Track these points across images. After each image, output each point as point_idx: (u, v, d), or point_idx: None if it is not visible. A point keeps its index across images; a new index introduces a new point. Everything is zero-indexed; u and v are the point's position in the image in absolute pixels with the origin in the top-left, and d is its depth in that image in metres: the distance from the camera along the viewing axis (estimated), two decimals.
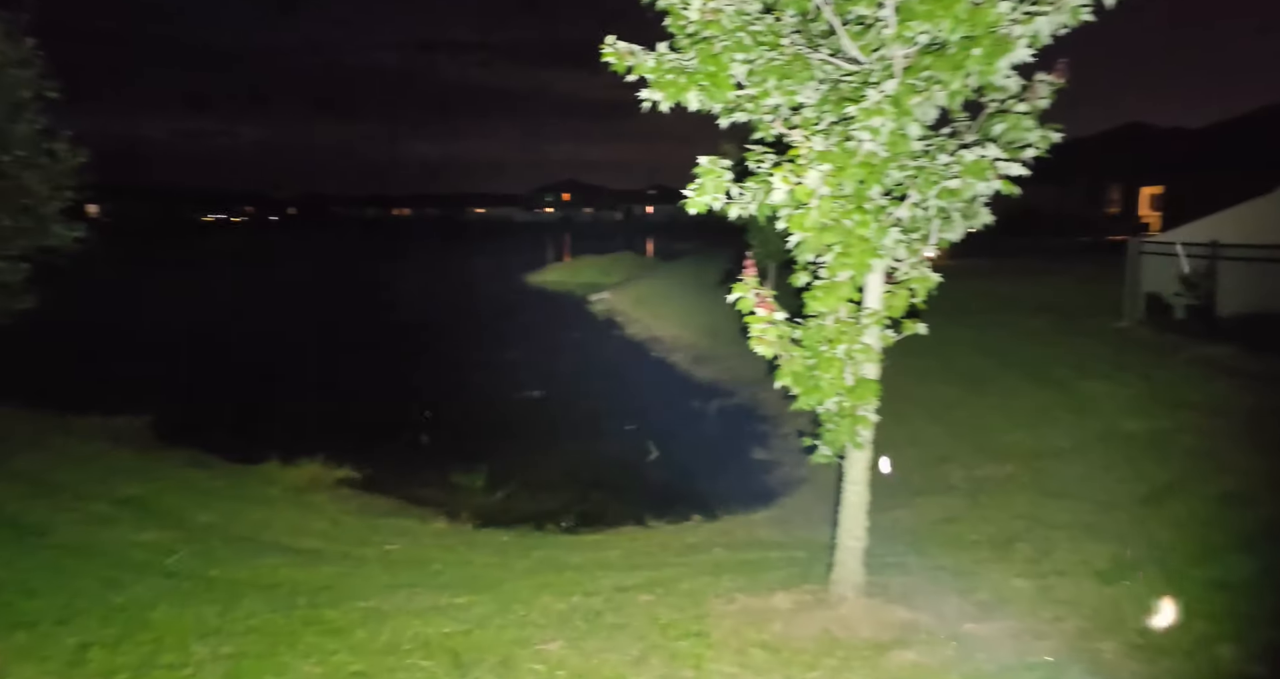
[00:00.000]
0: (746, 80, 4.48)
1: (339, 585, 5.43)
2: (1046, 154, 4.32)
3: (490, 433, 12.45)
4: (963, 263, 20.29)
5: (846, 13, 4.20)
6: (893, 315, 4.81)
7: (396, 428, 12.59)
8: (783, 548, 6.70)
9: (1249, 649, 3.88)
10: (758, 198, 5.03)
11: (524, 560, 6.60)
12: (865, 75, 4.20)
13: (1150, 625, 4.19)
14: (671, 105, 4.77)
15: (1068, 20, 3.65)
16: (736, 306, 5.01)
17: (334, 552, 6.50)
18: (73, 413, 11.35)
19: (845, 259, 4.45)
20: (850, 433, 4.77)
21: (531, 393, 15.23)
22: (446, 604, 4.99)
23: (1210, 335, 10.81)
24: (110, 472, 8.45)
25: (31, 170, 9.28)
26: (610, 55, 4.58)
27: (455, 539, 7.53)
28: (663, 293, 27.36)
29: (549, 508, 9.17)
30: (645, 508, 8.95)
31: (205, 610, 4.70)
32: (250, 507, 7.89)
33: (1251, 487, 6.03)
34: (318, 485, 9.39)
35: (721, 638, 4.38)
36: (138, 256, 44.72)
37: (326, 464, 9.94)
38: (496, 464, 10.53)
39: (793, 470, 10.28)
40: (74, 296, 18.56)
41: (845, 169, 4.07)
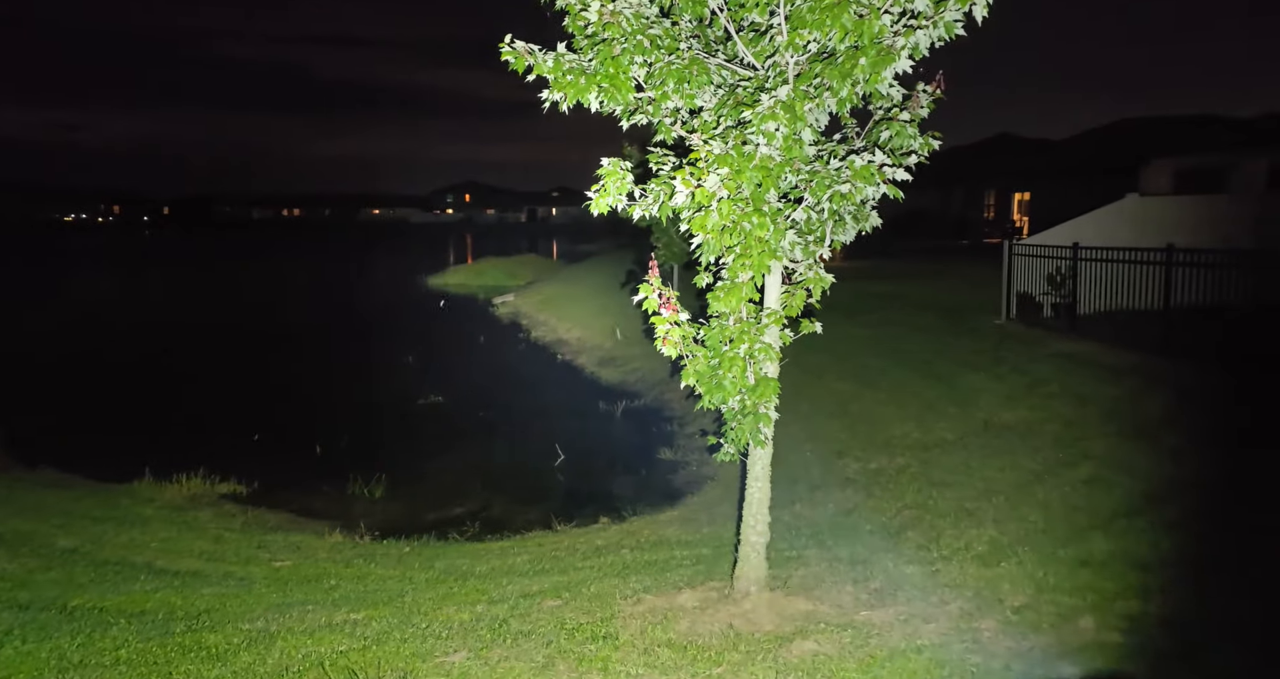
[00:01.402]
0: (646, 83, 4.50)
1: (221, 608, 5.09)
2: (927, 160, 4.55)
3: (390, 440, 12.04)
4: (856, 264, 21.20)
5: (741, 19, 4.29)
6: (791, 315, 4.95)
7: (286, 438, 11.98)
8: (689, 546, 6.77)
9: (1107, 620, 4.20)
10: (660, 200, 5.07)
11: (426, 571, 6.39)
12: (760, 81, 4.31)
13: (1022, 603, 4.48)
14: (572, 106, 4.75)
15: (944, 34, 3.85)
16: (641, 308, 5.03)
17: (216, 572, 6.09)
18: None
19: (745, 260, 4.54)
20: (752, 430, 4.87)
21: (433, 398, 14.82)
22: (342, 620, 4.77)
23: (1073, 331, 11.70)
24: None
25: None
26: (509, 55, 4.51)
27: (352, 552, 7.21)
28: (568, 295, 27.22)
29: (453, 516, 8.94)
30: (553, 512, 8.86)
31: (65, 643, 4.31)
32: (120, 528, 7.30)
33: (1109, 471, 6.55)
34: (199, 502, 8.80)
35: (628, 639, 4.38)
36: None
37: (208, 479, 9.33)
38: (397, 473, 10.18)
39: (699, 469, 10.42)
40: None
41: (743, 172, 4.16)
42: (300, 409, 13.99)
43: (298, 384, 16.30)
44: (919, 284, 18.23)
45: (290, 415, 13.53)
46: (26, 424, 11.78)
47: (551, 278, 32.89)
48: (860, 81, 3.90)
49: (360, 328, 24.39)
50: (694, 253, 4.78)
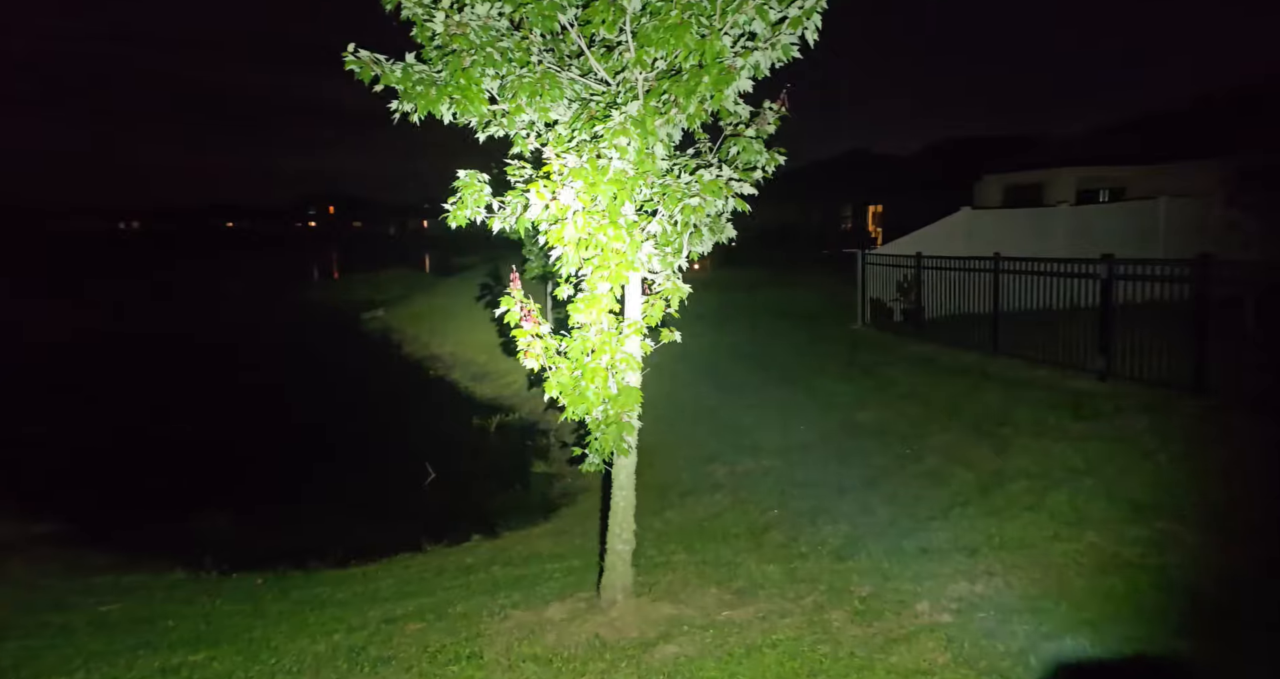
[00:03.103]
0: (499, 95, 4.49)
1: (28, 663, 4.57)
2: (772, 175, 4.78)
3: (245, 466, 11.28)
4: (724, 274, 21.90)
5: (592, 34, 4.36)
6: (651, 324, 5.05)
7: (124, 469, 10.97)
8: (560, 559, 6.74)
9: (940, 603, 4.54)
10: (517, 212, 5.06)
11: (280, 603, 6.02)
12: (612, 96, 4.39)
13: (868, 593, 4.77)
14: (424, 117, 4.67)
15: (781, 56, 4.08)
16: (504, 320, 4.99)
17: (26, 624, 5.44)
18: None
19: (603, 272, 4.60)
20: (616, 440, 4.92)
21: (294, 419, 14.03)
22: (179, 663, 4.41)
23: (921, 335, 12.59)
24: None
25: None
26: (353, 64, 4.39)
27: (194, 590, 6.68)
28: (440, 309, 26.51)
29: (314, 544, 8.46)
30: (422, 532, 8.58)
31: None
32: None
33: (949, 463, 7.09)
34: (8, 549, 7.87)
35: (494, 657, 4.31)
36: None
37: (19, 520, 8.38)
38: (253, 501, 9.55)
39: (574, 481, 10.40)
40: None
41: (597, 185, 4.22)
42: (140, 435, 12.86)
43: (138, 406, 14.99)
44: (783, 293, 19.06)
45: (138, 445, 12.41)
46: None
47: (423, 292, 31.96)
48: (706, 98, 4.05)
49: (218, 345, 22.77)
50: (553, 265, 4.80)
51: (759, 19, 3.98)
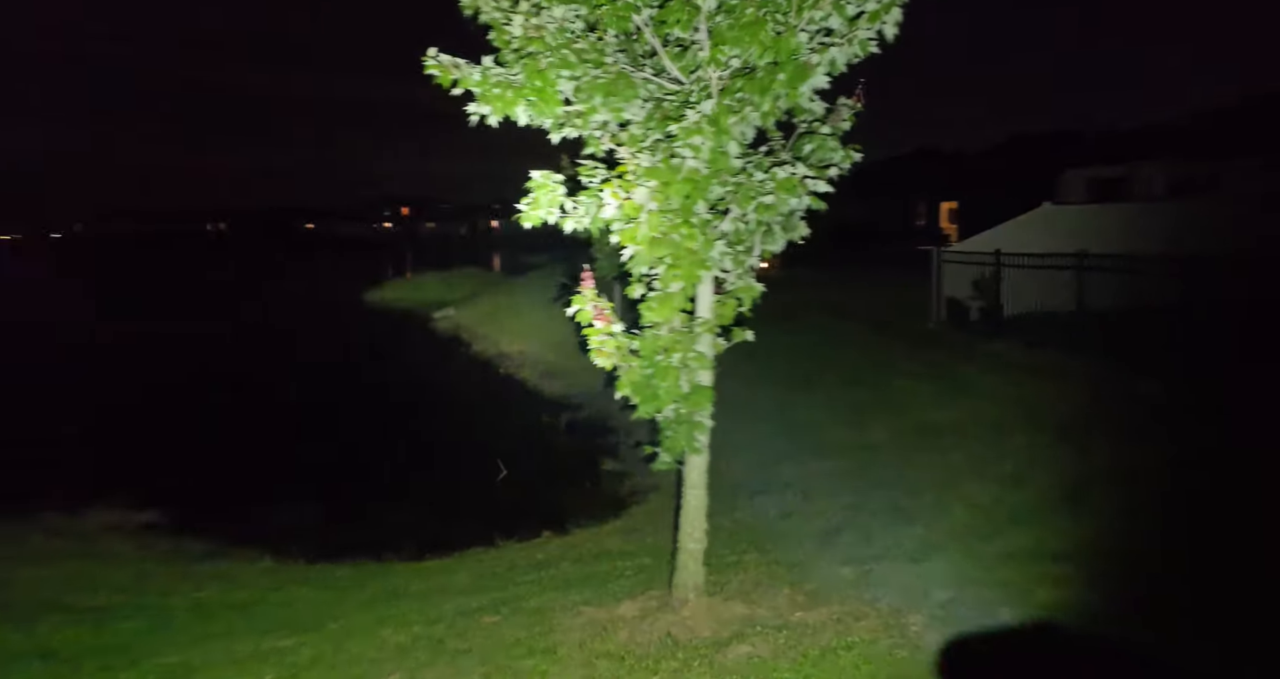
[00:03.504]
0: (574, 96, 4.53)
1: (138, 643, 4.86)
2: (848, 172, 4.69)
3: (327, 461, 11.72)
4: (793, 272, 21.62)
5: (666, 34, 4.36)
6: (723, 324, 5.02)
7: (218, 463, 11.54)
8: (631, 557, 6.78)
9: (1026, 611, 4.38)
10: (590, 212, 5.10)
11: (361, 594, 6.23)
12: (686, 95, 4.38)
13: (948, 598, 4.63)
14: (500, 119, 4.75)
15: (858, 52, 4.00)
16: (576, 319, 5.05)
17: (132, 605, 5.79)
18: None
19: (675, 271, 4.60)
20: (688, 438, 4.92)
21: (371, 416, 14.51)
22: (269, 648, 4.62)
23: (998, 334, 12.17)
24: None
25: None
26: (433, 68, 4.49)
27: (283, 578, 6.98)
28: (509, 308, 27.01)
29: (392, 537, 8.73)
30: (494, 527, 8.75)
31: None
32: (19, 565, 6.87)
33: (1029, 467, 6.83)
34: (117, 532, 8.38)
35: (567, 652, 4.36)
36: None
37: (128, 508, 8.89)
38: (334, 495, 9.92)
39: (643, 479, 10.44)
40: None
41: (671, 185, 4.22)
42: (235, 431, 13.50)
43: (230, 403, 15.75)
44: (853, 292, 18.71)
45: (225, 438, 13.05)
46: None
47: (493, 291, 32.61)
48: (781, 96, 4.01)
49: (299, 346, 23.73)
50: (626, 265, 4.82)
51: (836, 15, 3.91)
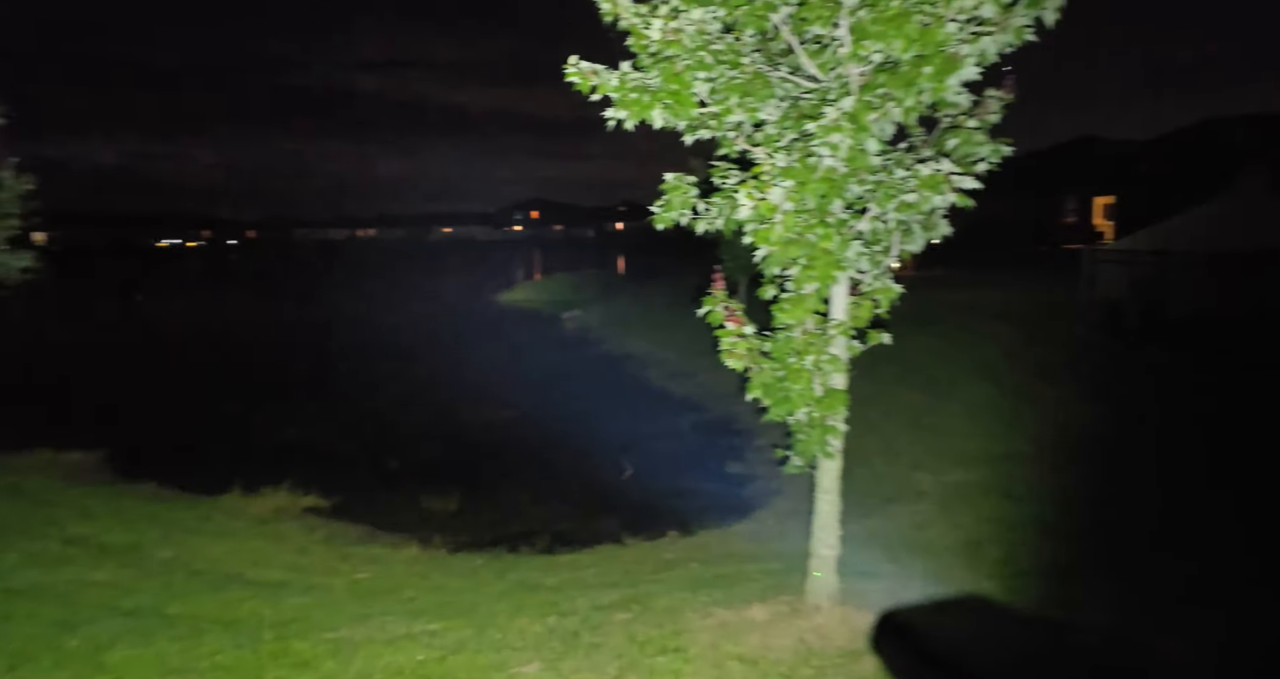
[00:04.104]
0: (709, 98, 4.55)
1: (307, 617, 5.30)
2: (997, 167, 4.44)
3: (463, 454, 12.32)
4: (929, 273, 20.69)
5: (804, 32, 4.30)
6: (858, 326, 4.89)
7: (368, 453, 12.38)
8: (758, 560, 6.72)
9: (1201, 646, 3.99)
10: (724, 213, 5.10)
11: (499, 583, 6.52)
12: (824, 93, 4.30)
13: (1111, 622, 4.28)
14: (636, 123, 4.83)
15: (1012, 40, 3.78)
16: (707, 321, 5.06)
17: (301, 582, 6.34)
18: (17, 450, 10.94)
19: (810, 272, 4.52)
20: (820, 443, 4.82)
21: (504, 413, 15.11)
22: (419, 631, 4.91)
23: (1157, 339, 11.14)
24: (60, 510, 8.15)
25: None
26: (574, 75, 4.63)
27: (428, 565, 7.42)
28: (635, 309, 27.42)
29: (524, 529, 9.09)
30: (621, 525, 8.92)
31: (167, 648, 4.56)
32: (212, 540, 7.68)
33: (1186, 481, 6.21)
34: (284, 515, 9.18)
35: (699, 652, 4.37)
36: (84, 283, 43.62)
37: (293, 493, 9.73)
38: (470, 487, 10.42)
39: (768, 483, 10.33)
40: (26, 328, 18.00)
41: (807, 184, 4.15)
42: (379, 424, 14.43)
43: (376, 398, 16.84)
44: (994, 293, 17.68)
45: (370, 429, 13.97)
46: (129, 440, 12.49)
47: (619, 292, 33.21)
48: (925, 90, 3.85)
49: (439, 346, 25.06)
50: (759, 266, 4.78)
51: (990, 2, 3.72)
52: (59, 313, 31.85)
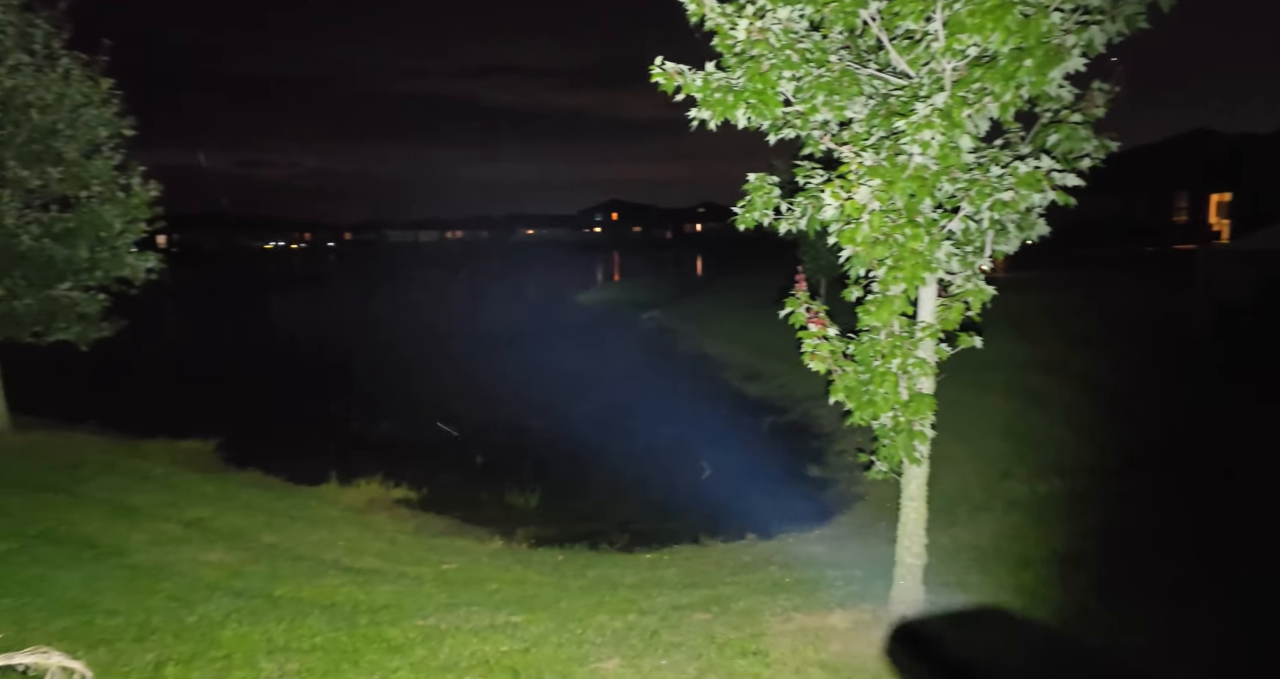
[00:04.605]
0: (794, 97, 4.51)
1: (398, 604, 5.53)
2: (1102, 163, 4.24)
3: (543, 451, 12.55)
4: (1023, 274, 19.81)
5: (895, 28, 4.20)
6: (947, 329, 4.75)
7: (454, 447, 12.77)
8: (839, 566, 6.59)
9: None
10: (808, 213, 5.04)
11: (579, 579, 6.62)
12: (914, 89, 4.19)
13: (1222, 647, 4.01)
14: (720, 123, 4.83)
15: (1123, 28, 3.59)
16: (789, 322, 5.01)
17: (392, 571, 6.62)
18: (143, 437, 11.80)
19: (897, 273, 4.42)
20: (907, 448, 4.71)
21: (581, 411, 15.30)
22: (504, 622, 5.04)
23: None
24: (179, 494, 8.76)
25: (108, 204, 9.74)
26: (659, 76, 4.66)
27: (510, 558, 7.60)
28: (713, 309, 27.34)
29: (603, 527, 9.18)
30: (699, 526, 8.90)
31: (272, 628, 4.84)
32: (311, 527, 8.09)
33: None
34: (376, 505, 9.58)
35: (780, 657, 4.34)
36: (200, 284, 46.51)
37: (384, 484, 10.14)
38: (550, 483, 10.61)
39: (849, 488, 10.13)
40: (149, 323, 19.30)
41: (895, 183, 4.06)
42: (465, 420, 14.85)
43: (463, 395, 17.34)
44: (1095, 295, 16.79)
45: (457, 425, 14.39)
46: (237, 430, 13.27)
47: (697, 293, 33.19)
48: (1025, 85, 3.71)
49: (519, 344, 25.60)
50: (843, 266, 4.71)
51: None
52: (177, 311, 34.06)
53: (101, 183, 9.69)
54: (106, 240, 9.76)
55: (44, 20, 9.21)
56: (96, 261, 9.73)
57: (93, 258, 9.68)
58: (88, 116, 9.41)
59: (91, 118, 9.46)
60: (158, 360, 21.19)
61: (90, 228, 9.54)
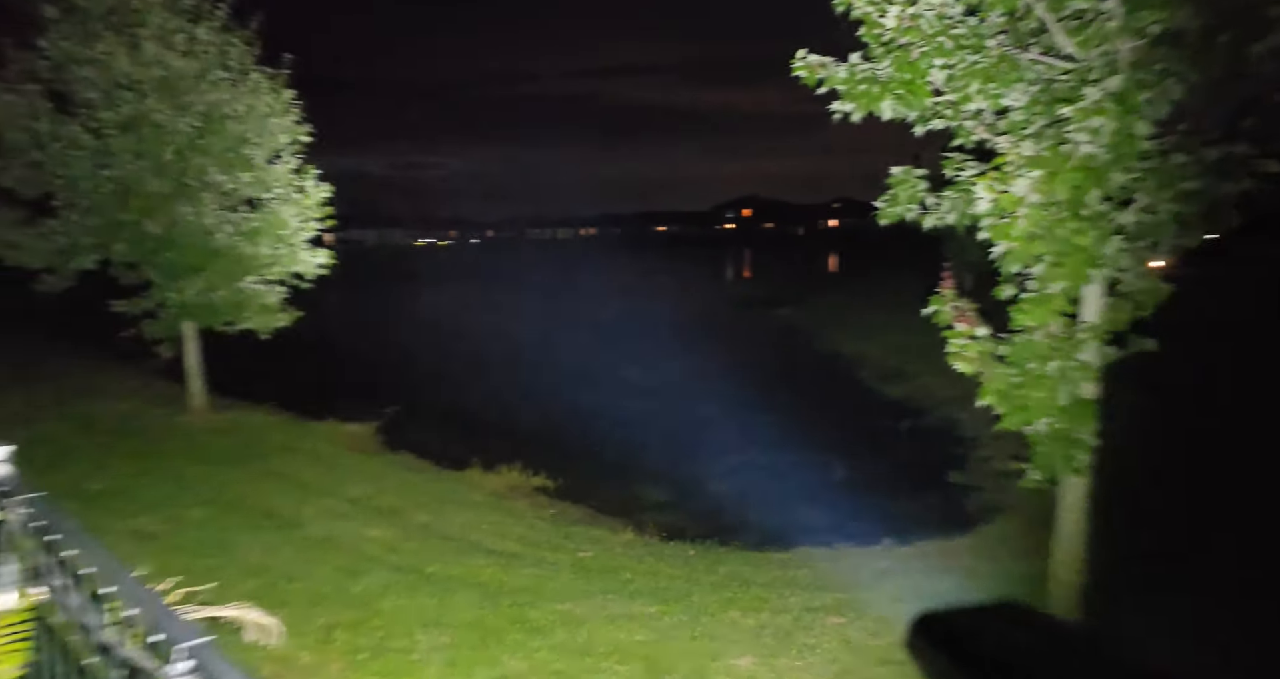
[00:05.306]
0: (945, 86, 4.32)
1: (538, 588, 5.78)
2: None
3: (674, 447, 12.65)
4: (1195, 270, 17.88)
5: (1061, 8, 3.94)
6: (1115, 329, 4.41)
7: (590, 440, 13.10)
8: (984, 578, 6.27)
9: None
10: (957, 208, 4.82)
11: (710, 575, 6.66)
12: (1082, 73, 3.90)
13: None
14: (863, 116, 4.71)
15: None
16: (933, 321, 4.83)
17: (532, 555, 6.91)
18: (313, 418, 12.89)
19: (1058, 270, 4.16)
20: (1064, 457, 4.42)
21: (712, 408, 15.30)
22: (638, 612, 5.16)
23: None
24: (344, 473, 9.54)
25: (287, 205, 10.70)
26: (801, 69, 4.61)
27: (643, 550, 7.75)
28: (847, 307, 26.59)
29: (733, 523, 9.16)
30: (832, 529, 8.70)
31: (425, 602, 5.19)
32: (458, 509, 8.58)
33: None
34: (516, 492, 10.02)
35: None
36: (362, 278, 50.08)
37: (524, 472, 10.57)
38: (680, 478, 10.69)
39: (995, 496, 9.59)
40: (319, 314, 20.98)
41: (1059, 174, 3.81)
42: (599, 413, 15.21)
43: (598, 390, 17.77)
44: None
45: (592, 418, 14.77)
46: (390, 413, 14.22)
47: (830, 290, 32.37)
48: (1218, 63, 3.36)
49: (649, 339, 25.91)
50: (994, 263, 4.48)
51: None
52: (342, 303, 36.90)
53: (281, 185, 10.67)
54: (284, 238, 10.73)
55: (239, 39, 10.26)
56: (276, 257, 10.72)
57: (273, 254, 10.68)
58: (272, 125, 10.39)
59: (275, 126, 10.43)
60: (325, 348, 23.05)
61: (271, 227, 10.53)
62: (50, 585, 1.71)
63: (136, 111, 9.43)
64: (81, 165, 9.47)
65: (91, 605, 1.50)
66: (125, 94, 9.46)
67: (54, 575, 1.67)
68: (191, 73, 9.66)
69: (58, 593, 1.66)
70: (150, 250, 9.97)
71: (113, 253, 9.96)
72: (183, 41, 9.70)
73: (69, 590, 1.60)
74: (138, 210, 9.66)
